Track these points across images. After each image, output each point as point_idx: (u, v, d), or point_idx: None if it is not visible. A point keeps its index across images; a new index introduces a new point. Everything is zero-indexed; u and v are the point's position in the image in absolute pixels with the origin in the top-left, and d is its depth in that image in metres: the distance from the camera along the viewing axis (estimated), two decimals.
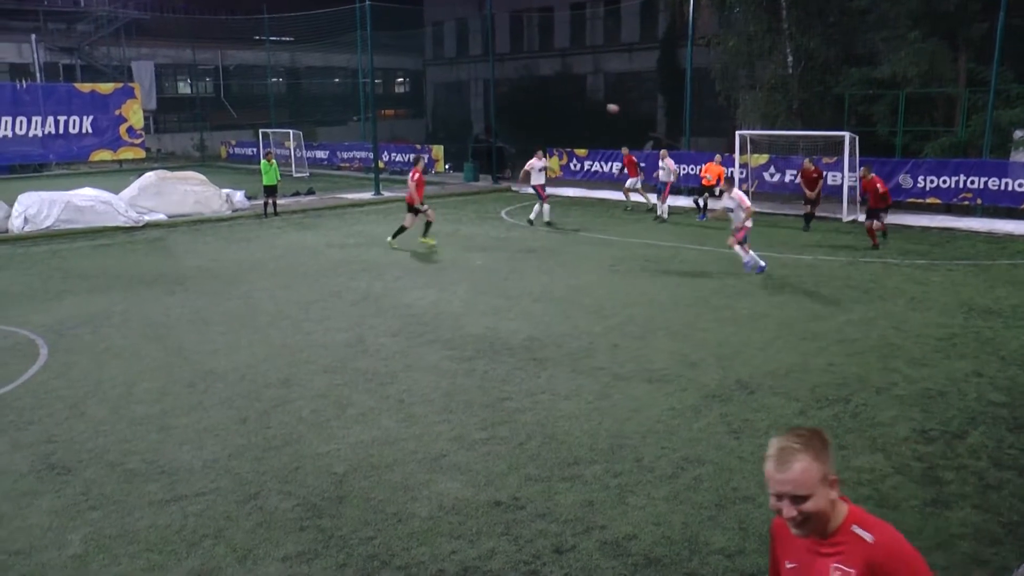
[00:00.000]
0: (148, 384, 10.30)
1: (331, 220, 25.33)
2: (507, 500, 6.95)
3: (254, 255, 19.26)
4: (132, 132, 26.88)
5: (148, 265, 18.40)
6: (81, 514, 6.97)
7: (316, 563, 6.06)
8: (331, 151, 43.81)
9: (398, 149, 40.19)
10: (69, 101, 26.17)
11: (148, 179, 26.95)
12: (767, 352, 10.99)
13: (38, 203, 23.99)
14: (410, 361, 10.90)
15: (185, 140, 52.97)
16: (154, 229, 24.01)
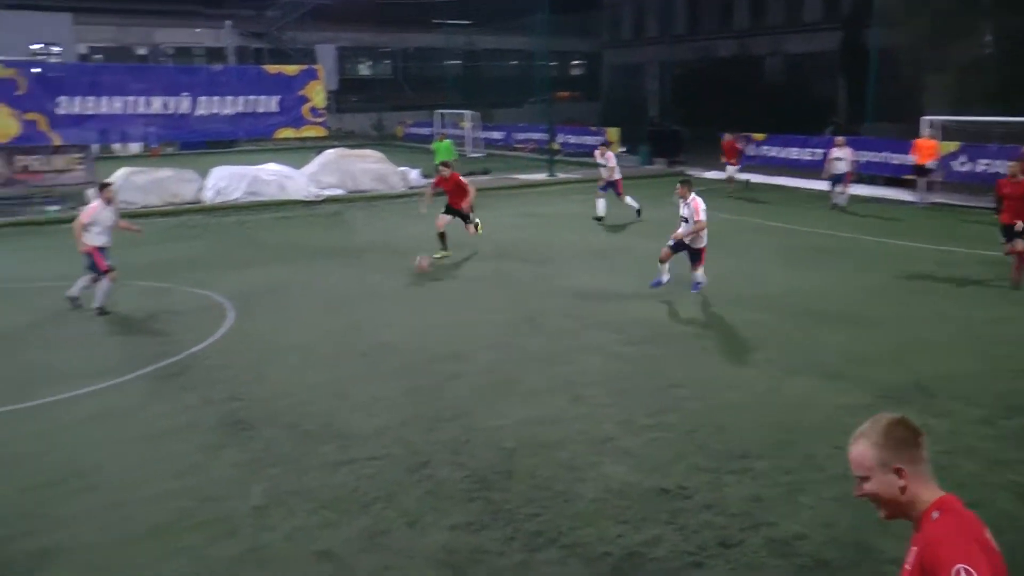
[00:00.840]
0: (325, 351, 10.78)
1: (505, 200, 25.63)
2: (673, 488, 6.87)
3: (428, 231, 19.71)
4: (315, 112, 28.00)
5: (327, 238, 19.18)
6: (262, 469, 7.39)
7: (483, 534, 6.18)
8: (507, 132, 44.30)
9: (573, 131, 40.22)
10: (258, 82, 27.52)
11: (328, 156, 28.13)
12: (948, 353, 10.35)
13: (228, 177, 25.57)
14: (579, 343, 10.93)
15: (364, 120, 54.77)
16: (333, 204, 25.00)
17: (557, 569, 5.73)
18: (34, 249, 18.88)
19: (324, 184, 26.62)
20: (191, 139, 33.49)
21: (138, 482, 7.24)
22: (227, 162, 28.51)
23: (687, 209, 13.00)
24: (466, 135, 40.70)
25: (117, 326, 12.24)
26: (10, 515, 6.68)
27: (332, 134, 42.34)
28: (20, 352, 11.10)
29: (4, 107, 23.47)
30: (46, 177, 24.84)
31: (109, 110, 25.13)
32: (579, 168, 33.39)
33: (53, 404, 9.17)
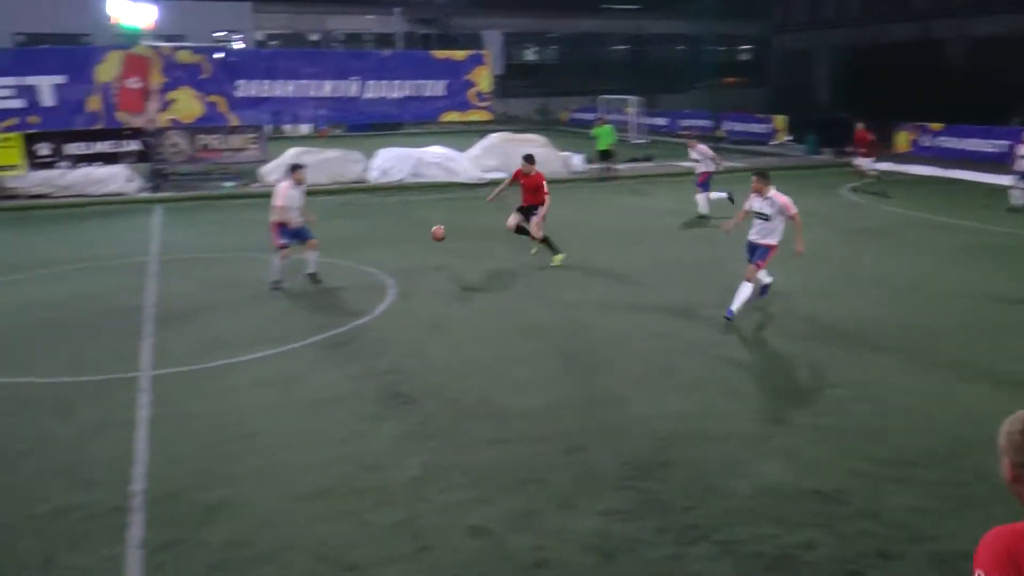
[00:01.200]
0: (485, 330, 10.99)
1: (667, 187, 25.35)
2: (831, 492, 6.65)
3: (591, 217, 19.77)
4: (480, 96, 28.42)
5: (489, 220, 19.43)
6: (420, 442, 7.62)
7: (635, 523, 6.17)
8: (671, 118, 43.75)
9: (738, 118, 39.34)
10: (425, 67, 28.16)
11: (491, 140, 28.56)
12: None
13: (393, 158, 26.39)
14: (739, 336, 10.74)
15: (528, 105, 55.23)
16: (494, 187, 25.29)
17: (709, 565, 5.66)
18: (211, 223, 20.00)
19: (487, 167, 27.01)
20: (359, 121, 34.58)
21: (302, 446, 7.61)
22: (392, 144, 29.37)
23: (769, 205, 11.54)
24: (630, 121, 40.40)
25: (287, 298, 12.84)
26: (186, 469, 7.16)
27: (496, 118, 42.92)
28: (198, 317, 11.82)
29: (190, 90, 24.99)
30: (224, 155, 26.32)
31: (283, 93, 26.36)
32: (744, 156, 32.64)
33: (228, 367, 9.74)
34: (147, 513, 6.42)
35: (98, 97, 23.95)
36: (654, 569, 5.61)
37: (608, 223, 19.10)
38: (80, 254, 16.37)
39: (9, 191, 23.87)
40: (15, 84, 23.23)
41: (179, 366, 9.79)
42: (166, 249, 16.73)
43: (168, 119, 24.96)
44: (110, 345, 10.68)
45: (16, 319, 11.95)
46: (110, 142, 24.69)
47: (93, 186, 24.14)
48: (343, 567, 5.68)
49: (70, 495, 6.73)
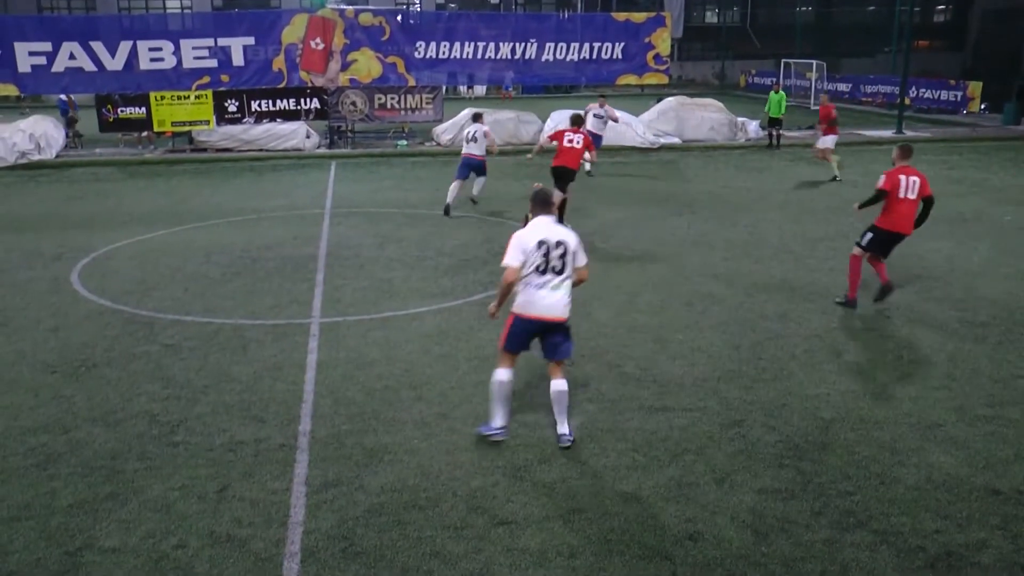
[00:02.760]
0: (649, 296, 10.88)
1: (846, 157, 24.26)
2: (1008, 490, 6.23)
3: (763, 186, 19.22)
4: (658, 59, 27.95)
5: (660, 185, 19.24)
6: (578, 404, 7.62)
7: (791, 503, 6.01)
8: (854, 84, 41.83)
9: (928, 84, 37.15)
10: (604, 29, 27.88)
11: (668, 104, 28.08)
12: None
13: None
14: (913, 316, 10.20)
15: (706, 68, 54.04)
16: (668, 152, 24.99)
17: (866, 554, 5.45)
18: (383, 179, 20.59)
19: (660, 132, 26.64)
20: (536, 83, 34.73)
21: (463, 398, 7.79)
22: (566, 106, 29.30)
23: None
24: (811, 86, 38.85)
25: (453, 255, 13.09)
26: (354, 413, 7.47)
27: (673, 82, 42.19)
28: (369, 269, 12.25)
29: (370, 51, 25.84)
30: (400, 114, 27.03)
31: (460, 54, 26.73)
32: (932, 126, 30.88)
33: (396, 318, 10.07)
34: (312, 453, 6.75)
35: (283, 58, 25.10)
36: (807, 552, 5.45)
37: (784, 192, 18.49)
38: (261, 204, 17.25)
39: (199, 144, 25.50)
40: (210, 45, 24.68)
41: (349, 315, 10.20)
42: (339, 203, 17.39)
43: (347, 79, 25.81)
44: (286, 291, 11.24)
45: (202, 264, 12.73)
46: (291, 100, 25.88)
47: (274, 141, 25.45)
48: (495, 521, 5.79)
49: (243, 430, 7.16)
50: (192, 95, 24.80)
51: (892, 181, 10.13)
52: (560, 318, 6.90)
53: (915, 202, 10.17)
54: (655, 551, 5.46)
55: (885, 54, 47.62)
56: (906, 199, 10.12)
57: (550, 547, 5.49)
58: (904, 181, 10.10)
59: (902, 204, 10.13)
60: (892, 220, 10.23)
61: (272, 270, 12.28)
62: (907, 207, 10.17)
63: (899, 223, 10.21)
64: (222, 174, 21.74)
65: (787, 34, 52.77)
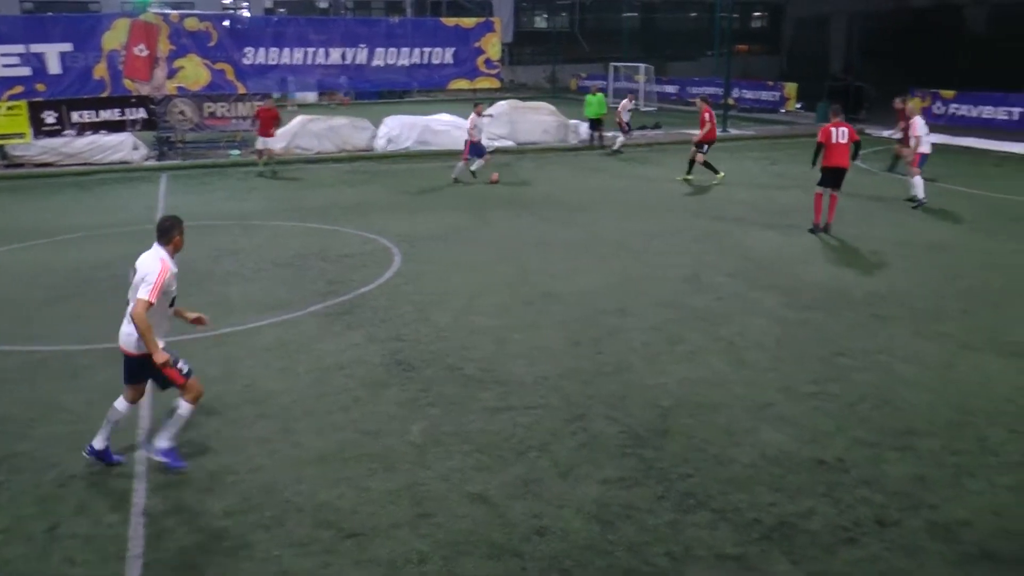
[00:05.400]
0: (489, 298, 10.99)
1: (676, 156, 25.13)
2: (832, 460, 6.68)
3: (598, 186, 19.70)
4: (489, 64, 28.27)
5: (496, 188, 19.42)
6: (421, 409, 7.67)
7: (635, 491, 6.21)
8: (680, 86, 43.41)
9: (749, 86, 39.01)
10: (435, 34, 28.01)
11: (500, 108, 28.39)
12: None
13: (400, 126, 26.35)
14: (745, 304, 10.71)
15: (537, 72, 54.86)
16: (502, 155, 25.21)
17: (706, 532, 5.70)
18: (217, 190, 19.98)
19: (494, 135, 26.90)
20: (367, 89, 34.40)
21: (306, 412, 7.66)
22: (399, 112, 29.26)
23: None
24: (640, 89, 40.13)
25: (290, 265, 12.84)
26: (192, 436, 7.20)
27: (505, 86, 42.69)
28: (205, 285, 11.84)
29: (197, 57, 24.91)
30: (231, 123, 26.28)
31: (290, 61, 26.23)
32: (754, 124, 32.42)
33: (234, 334, 9.79)
34: (150, 480, 6.50)
35: (105, 65, 23.90)
36: (652, 536, 5.65)
37: (619, 191, 19.02)
38: (87, 221, 16.40)
39: (15, 159, 23.88)
40: (21, 52, 23.12)
41: (185, 333, 9.79)
42: None
43: (175, 87, 24.90)
44: (116, 313, 10.69)
45: (23, 288, 12.01)
46: (116, 110, 24.62)
47: (99, 154, 24.16)
48: (344, 533, 5.74)
49: (76, 462, 6.79)
50: (3, 106, 23.22)
51: (824, 134, 14.31)
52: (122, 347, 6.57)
53: (846, 145, 14.23)
54: (504, 549, 5.53)
55: (708, 57, 49.65)
56: (838, 143, 14.20)
57: (399, 555, 5.49)
58: (834, 132, 14.22)
59: (836, 147, 14.21)
60: (831, 159, 14.31)
61: (103, 291, 11.66)
62: (840, 149, 14.23)
63: (836, 160, 14.27)
64: (44, 190, 20.54)
65: (615, 38, 54.32)
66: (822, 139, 14.30)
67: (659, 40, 55.32)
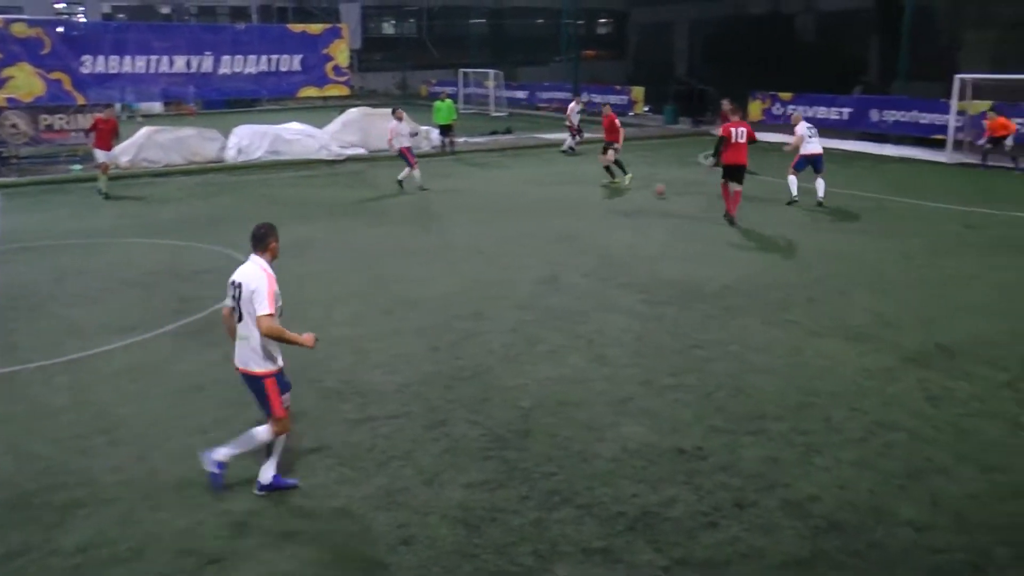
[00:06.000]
0: (346, 309, 10.84)
1: (529, 160, 25.54)
2: (691, 449, 6.90)
3: (453, 191, 19.72)
4: (338, 70, 27.97)
5: (349, 197, 19.21)
6: None
7: (499, 493, 6.24)
8: (531, 91, 43.99)
9: (597, 90, 39.89)
10: (281, 41, 27.50)
11: (351, 115, 28.07)
12: (975, 317, 10.26)
13: (250, 135, 25.66)
14: (602, 302, 10.92)
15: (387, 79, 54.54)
16: (355, 163, 25.00)
17: (572, 528, 5.78)
18: (58, 208, 19.01)
19: (346, 143, 26.60)
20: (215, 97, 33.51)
21: (163, 437, 7.35)
22: (249, 121, 28.56)
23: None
24: (490, 94, 40.44)
25: (142, 284, 12.33)
26: (40, 469, 6.81)
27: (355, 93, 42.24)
28: (48, 308, 11.24)
29: (29, 66, 23.54)
30: (71, 136, 25.02)
31: (132, 69, 25.19)
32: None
33: (82, 360, 9.30)
34: None
35: None
36: (518, 536, 5.69)
37: (473, 196, 19.09)
38: None
39: None
40: None
41: (28, 362, 9.28)
42: (8, 239, 15.81)
43: (4, 98, 23.50)
44: None
45: None
46: None
47: None
48: (205, 560, 5.54)
49: None
50: None
51: (726, 130, 15.27)
52: (239, 367, 6.38)
53: (745, 144, 15.20)
54: (371, 562, 5.47)
55: (557, 63, 50.50)
56: (737, 142, 15.15)
57: None
58: (735, 131, 15.17)
59: (735, 145, 15.14)
60: (731, 156, 15.20)
61: None
62: (739, 147, 15.18)
63: (736, 158, 15.22)
64: None
65: (464, 44, 54.60)
66: (724, 132, 15.31)
67: (508, 46, 55.92)
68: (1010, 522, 5.88)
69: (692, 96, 34.86)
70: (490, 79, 40.95)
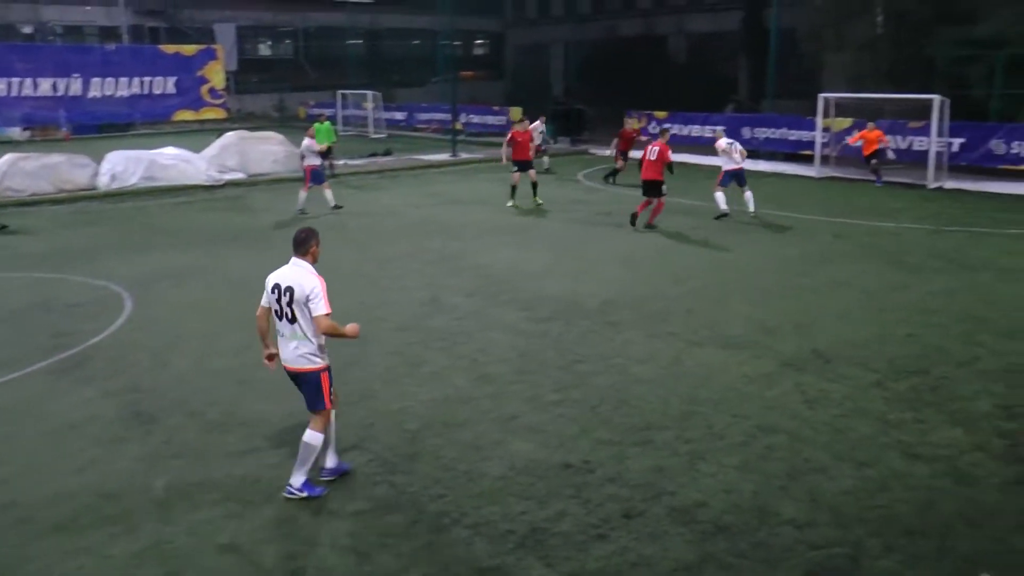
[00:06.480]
0: (229, 338, 10.54)
1: (408, 181, 25.47)
2: (578, 463, 6.96)
3: (333, 214, 19.48)
4: (214, 93, 27.41)
5: (229, 222, 18.78)
6: (164, 461, 7.21)
7: (388, 518, 6.16)
8: (409, 112, 43.93)
9: (476, 111, 40.13)
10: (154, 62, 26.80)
11: (228, 139, 27.44)
12: (845, 321, 10.75)
13: (124, 161, 24.69)
14: (485, 321, 10.95)
15: (265, 101, 53.58)
16: (234, 188, 24.44)
17: (462, 550, 5.75)
18: None
19: (225, 168, 25.97)
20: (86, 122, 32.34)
21: (37, 480, 6.99)
22: (123, 146, 27.60)
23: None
24: (369, 116, 40.22)
25: (11, 320, 11.75)
26: None
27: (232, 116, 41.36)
28: None
29: None
30: None
31: None
32: (483, 148, 33.36)
33: None
34: None
35: None
36: (409, 561, 5.63)
37: (353, 218, 18.91)
38: None
39: None
40: None
41: None
42: None
43: None
44: None
45: None
46: None
47: None
48: None
49: None
50: None
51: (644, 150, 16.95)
52: (292, 367, 6.58)
53: (655, 161, 16.57)
54: None
55: (435, 84, 50.60)
56: (648, 160, 16.68)
57: None
58: (648, 149, 16.83)
59: (647, 163, 16.71)
60: (642, 173, 16.89)
61: None
62: (648, 164, 16.68)
63: (644, 174, 16.83)
64: None
65: (341, 65, 54.13)
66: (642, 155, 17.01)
67: (386, 67, 55.74)
68: (880, 515, 6.15)
69: (570, 115, 35.44)
70: (368, 100, 40.70)
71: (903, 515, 6.15)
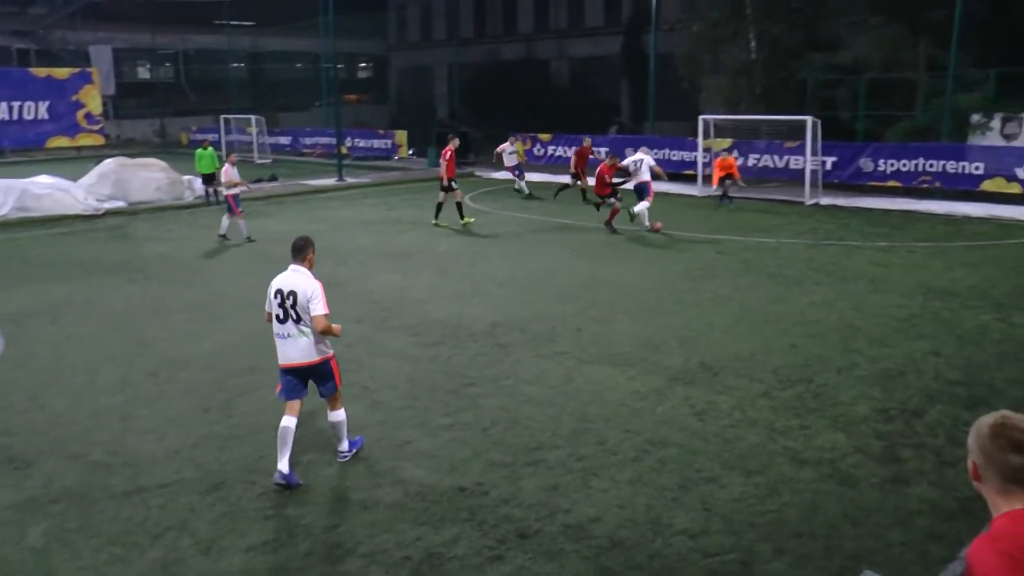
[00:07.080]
0: (110, 374, 10.19)
1: (294, 206, 25.18)
2: (471, 486, 6.97)
3: (217, 242, 19.08)
4: (90, 118, 26.45)
5: (109, 253, 18.18)
6: (42, 507, 6.88)
7: (281, 552, 6.04)
8: (294, 137, 43.45)
9: (361, 135, 39.94)
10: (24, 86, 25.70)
11: (107, 166, 26.55)
12: (730, 335, 11.10)
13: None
14: (374, 347, 10.87)
15: (145, 126, 52.18)
16: (114, 217, 23.69)
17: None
18: None
19: (104, 196, 25.12)
20: None
21: None
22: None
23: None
24: (253, 141, 39.58)
25: None
26: None
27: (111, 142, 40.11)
28: None
29: None
30: None
31: None
32: (369, 172, 33.22)
33: None
34: None
35: None
36: None
37: (238, 246, 18.55)
38: None
39: None
40: None
41: None
42: None
43: None
44: None
45: None
46: None
47: None
48: None
49: None
50: None
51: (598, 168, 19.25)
52: (306, 362, 7.24)
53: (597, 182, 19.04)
54: None
55: (319, 108, 50.14)
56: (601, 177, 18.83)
57: None
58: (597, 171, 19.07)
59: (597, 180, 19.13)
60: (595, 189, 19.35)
61: None
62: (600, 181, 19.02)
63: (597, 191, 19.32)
64: None
65: (223, 89, 53.13)
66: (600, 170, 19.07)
67: (269, 91, 54.99)
68: (769, 519, 6.36)
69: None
70: (252, 125, 40.06)
71: (791, 518, 6.38)
